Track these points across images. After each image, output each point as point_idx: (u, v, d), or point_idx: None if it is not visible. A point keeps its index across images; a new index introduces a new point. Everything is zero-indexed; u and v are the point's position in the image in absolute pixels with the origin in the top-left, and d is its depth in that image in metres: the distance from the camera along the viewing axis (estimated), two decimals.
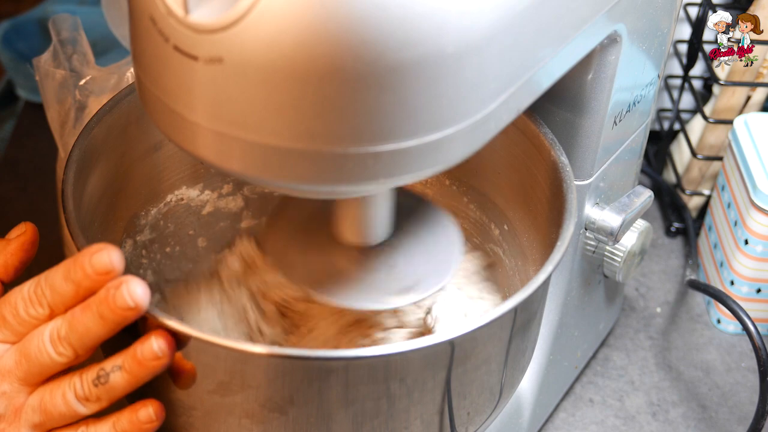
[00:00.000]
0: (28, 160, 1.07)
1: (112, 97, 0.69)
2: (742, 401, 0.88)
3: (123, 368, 0.55)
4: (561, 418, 0.86)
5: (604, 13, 0.62)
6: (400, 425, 0.60)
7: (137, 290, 0.53)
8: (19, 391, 0.56)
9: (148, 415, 0.56)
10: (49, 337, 0.55)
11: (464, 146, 0.53)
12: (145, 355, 0.54)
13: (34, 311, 0.56)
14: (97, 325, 0.54)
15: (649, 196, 0.78)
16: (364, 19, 0.46)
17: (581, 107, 0.70)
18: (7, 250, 0.63)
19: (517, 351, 0.64)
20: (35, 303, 0.56)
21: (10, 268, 0.62)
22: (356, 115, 0.48)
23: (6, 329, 0.56)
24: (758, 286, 0.91)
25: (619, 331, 0.94)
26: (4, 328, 0.56)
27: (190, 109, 0.51)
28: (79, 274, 0.54)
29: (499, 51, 0.51)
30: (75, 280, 0.54)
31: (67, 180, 0.63)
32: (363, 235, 0.64)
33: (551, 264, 0.61)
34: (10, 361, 0.56)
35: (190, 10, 0.48)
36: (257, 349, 0.56)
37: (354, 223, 0.63)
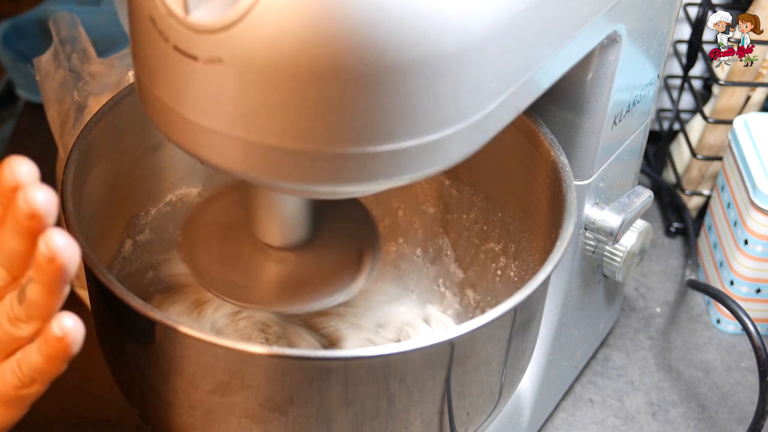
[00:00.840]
0: None
1: (112, 97, 0.69)
2: (741, 401, 0.88)
3: (33, 280, 0.51)
4: (561, 418, 0.86)
5: (603, 13, 0.62)
6: (400, 425, 0.60)
7: (36, 196, 0.49)
8: None
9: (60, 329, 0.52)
10: None
11: (464, 146, 0.53)
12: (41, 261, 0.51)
13: None
14: (15, 240, 0.51)
15: (649, 196, 0.78)
16: (364, 19, 0.46)
17: (581, 107, 0.70)
18: None
19: (516, 351, 0.64)
20: None
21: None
22: (356, 116, 0.48)
23: None
24: (758, 286, 0.91)
25: (619, 331, 0.94)
26: None
27: (189, 110, 0.51)
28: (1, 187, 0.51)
29: (498, 51, 0.51)
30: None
31: (67, 180, 0.63)
32: (278, 236, 0.63)
33: (551, 264, 0.61)
34: None
35: (190, 10, 0.48)
36: (257, 349, 0.56)
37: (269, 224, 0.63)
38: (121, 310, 0.59)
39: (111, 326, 0.61)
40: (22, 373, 0.53)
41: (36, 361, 0.53)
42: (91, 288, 0.64)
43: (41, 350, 0.52)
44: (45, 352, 0.52)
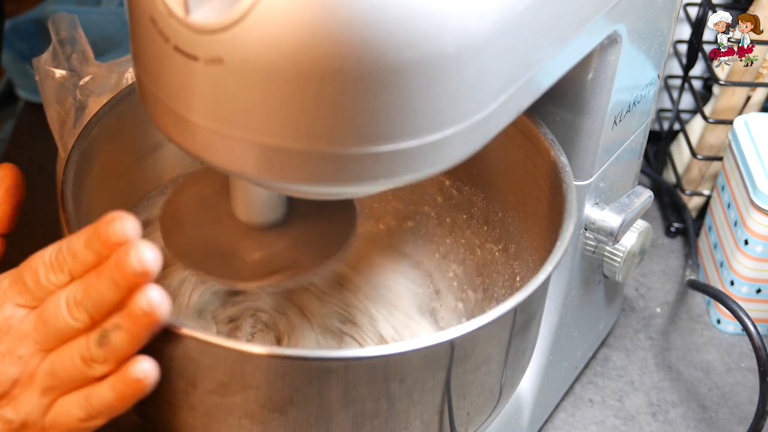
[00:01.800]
0: (28, 160, 1.07)
1: (112, 97, 0.69)
2: (742, 401, 0.88)
3: (121, 327, 0.54)
4: (561, 418, 0.86)
5: (604, 13, 0.62)
6: (400, 425, 0.60)
7: (146, 254, 0.53)
8: (34, 356, 0.56)
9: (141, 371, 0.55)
10: (65, 302, 0.55)
11: (464, 146, 0.53)
12: (135, 309, 0.53)
13: (54, 278, 0.55)
14: (110, 290, 0.53)
15: (649, 196, 0.78)
16: (365, 19, 0.46)
17: (581, 107, 0.70)
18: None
19: (516, 351, 0.64)
20: (56, 269, 0.55)
21: (4, 218, 0.62)
22: (357, 116, 0.48)
23: (27, 294, 0.56)
24: (758, 287, 0.91)
25: (619, 331, 0.94)
26: (26, 293, 0.56)
27: (190, 110, 0.51)
28: (97, 243, 0.54)
29: (499, 51, 0.51)
30: (95, 249, 0.54)
31: (67, 180, 0.63)
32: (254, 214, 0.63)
33: (551, 264, 0.61)
34: (29, 326, 0.56)
35: (190, 10, 0.48)
36: (257, 350, 0.56)
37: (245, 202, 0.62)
38: None
39: None
40: (90, 407, 0.56)
41: (108, 398, 0.55)
42: None
43: (115, 389, 0.55)
44: (119, 391, 0.55)
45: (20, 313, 0.56)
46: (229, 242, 0.63)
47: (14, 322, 0.56)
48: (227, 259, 0.63)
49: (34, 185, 1.03)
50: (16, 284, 0.56)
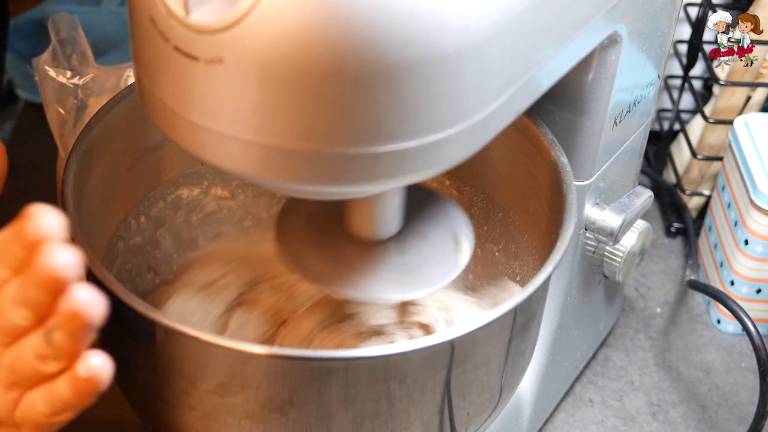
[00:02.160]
0: (28, 160, 1.07)
1: (112, 97, 0.69)
2: (742, 401, 0.88)
3: (60, 327, 0.52)
4: (561, 419, 0.86)
5: (604, 13, 0.62)
6: (400, 425, 0.60)
7: (59, 257, 0.50)
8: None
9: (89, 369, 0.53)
10: (7, 300, 0.53)
11: (465, 147, 0.53)
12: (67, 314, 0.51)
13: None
14: (39, 292, 0.51)
15: (649, 196, 0.78)
16: (365, 19, 0.46)
17: (581, 107, 0.70)
18: None
19: (516, 351, 0.64)
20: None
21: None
22: (357, 116, 0.48)
23: None
24: (758, 287, 0.91)
25: (619, 331, 0.94)
26: None
27: (190, 110, 0.51)
28: (21, 239, 0.51)
29: (499, 51, 0.51)
30: (21, 245, 0.52)
31: (67, 180, 0.63)
32: (373, 229, 0.63)
33: (551, 264, 0.61)
34: None
35: (190, 10, 0.48)
36: (257, 350, 0.56)
37: (364, 218, 0.63)
38: (121, 311, 0.59)
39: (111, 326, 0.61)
40: (53, 403, 0.55)
41: (65, 395, 0.54)
42: None
43: (70, 386, 0.54)
44: (74, 388, 0.54)
45: None
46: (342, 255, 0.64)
47: None
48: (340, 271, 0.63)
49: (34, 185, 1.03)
50: None
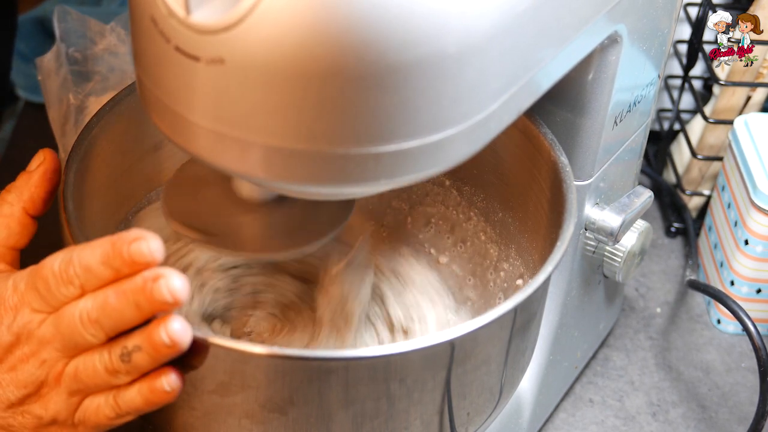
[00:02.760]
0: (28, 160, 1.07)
1: (112, 97, 0.69)
2: (742, 401, 0.88)
3: (142, 350, 0.54)
4: (561, 419, 0.86)
5: (604, 13, 0.62)
6: (400, 425, 0.60)
7: (176, 284, 0.53)
8: (59, 360, 0.56)
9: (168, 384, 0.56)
10: (80, 318, 0.54)
11: (465, 147, 0.53)
12: (157, 342, 0.54)
13: (65, 290, 0.55)
14: (132, 314, 0.53)
15: (649, 196, 0.78)
16: (366, 19, 0.46)
17: (582, 107, 0.70)
18: (30, 183, 0.63)
19: (516, 351, 0.64)
20: (66, 282, 0.55)
21: (38, 200, 0.63)
22: (357, 116, 0.48)
23: (41, 301, 0.56)
24: (758, 287, 0.91)
25: (619, 331, 0.94)
26: (40, 299, 0.56)
27: (191, 110, 0.51)
28: (118, 261, 0.53)
29: (500, 51, 0.51)
30: (114, 267, 0.53)
31: (67, 180, 0.63)
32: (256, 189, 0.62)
33: (551, 264, 0.61)
34: (48, 333, 0.56)
35: (191, 10, 0.48)
36: (257, 350, 0.56)
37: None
38: None
39: None
40: (119, 408, 0.57)
41: (137, 402, 0.56)
42: None
43: (143, 395, 0.56)
44: (147, 398, 0.56)
45: (38, 318, 0.56)
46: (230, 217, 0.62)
47: (33, 326, 0.56)
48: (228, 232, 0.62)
49: None
50: (32, 290, 0.56)
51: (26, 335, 0.56)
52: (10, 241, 0.63)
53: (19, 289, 0.57)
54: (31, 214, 0.64)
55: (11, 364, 0.57)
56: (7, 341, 0.57)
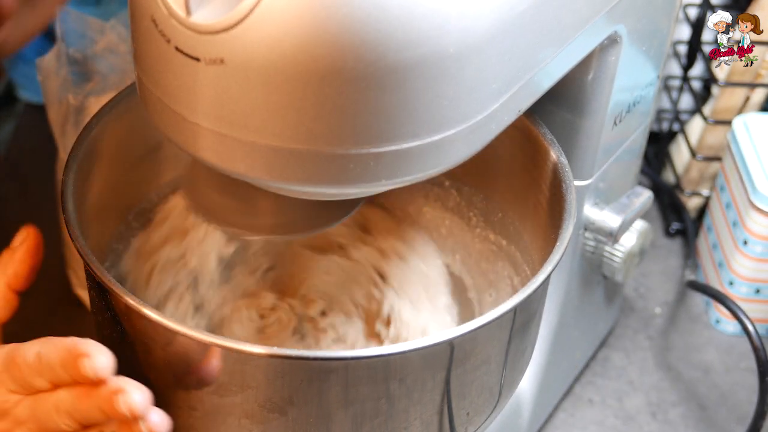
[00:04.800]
0: (28, 161, 1.07)
1: (113, 98, 0.69)
2: (741, 401, 0.88)
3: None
4: (560, 419, 0.86)
5: (604, 14, 0.62)
6: (400, 425, 0.60)
7: (135, 400, 0.55)
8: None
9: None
10: (55, 407, 0.58)
11: (465, 147, 0.53)
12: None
13: (37, 381, 0.58)
14: (98, 415, 0.57)
15: (649, 196, 0.78)
16: (365, 19, 0.46)
17: (581, 108, 0.70)
18: (15, 259, 0.65)
19: (516, 351, 0.64)
20: (37, 374, 0.58)
21: (21, 276, 0.65)
22: (357, 116, 0.49)
23: (16, 384, 0.59)
24: (757, 287, 0.91)
25: (619, 331, 0.94)
26: (14, 383, 0.59)
27: (191, 110, 0.51)
28: (72, 371, 0.56)
29: (499, 52, 0.52)
30: (70, 374, 0.56)
31: (67, 180, 0.63)
32: None
33: (550, 264, 0.61)
34: (23, 414, 0.59)
35: (191, 11, 0.48)
36: (257, 350, 0.56)
37: None
38: (120, 311, 0.59)
39: (111, 326, 0.61)
40: None
41: None
42: (91, 288, 0.64)
43: None
44: None
45: (14, 398, 0.59)
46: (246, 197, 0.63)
47: (9, 406, 0.59)
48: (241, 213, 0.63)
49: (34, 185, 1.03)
50: (6, 372, 0.59)
51: (2, 412, 0.59)
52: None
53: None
54: (14, 290, 0.65)
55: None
56: None
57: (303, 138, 0.49)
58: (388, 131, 0.49)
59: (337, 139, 0.49)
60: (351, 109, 0.48)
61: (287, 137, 0.49)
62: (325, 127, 0.49)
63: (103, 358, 0.56)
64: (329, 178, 0.51)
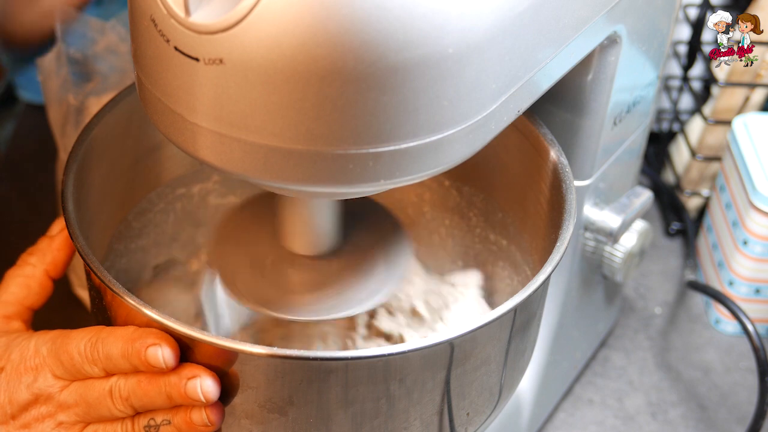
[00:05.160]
0: (28, 161, 1.07)
1: (113, 98, 0.69)
2: (741, 401, 0.88)
3: (173, 424, 0.58)
4: (560, 419, 0.86)
5: (603, 14, 0.62)
6: (400, 426, 0.60)
7: (208, 386, 0.56)
8: (75, 424, 0.60)
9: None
10: (110, 393, 0.58)
11: (465, 147, 0.53)
12: (196, 421, 0.57)
13: (89, 368, 0.58)
14: (162, 401, 0.57)
15: (649, 196, 0.78)
16: (365, 20, 0.46)
17: (581, 108, 0.70)
18: (53, 247, 0.66)
19: (516, 351, 0.64)
20: (91, 363, 0.58)
21: (59, 263, 0.66)
22: (357, 116, 0.49)
23: (63, 370, 0.59)
24: (757, 287, 0.91)
25: (619, 331, 0.94)
26: (62, 369, 0.59)
27: (190, 110, 0.51)
28: (136, 360, 0.56)
29: (499, 52, 0.52)
30: (132, 363, 0.57)
31: (67, 181, 0.63)
32: (311, 244, 0.64)
33: (551, 264, 0.61)
34: (70, 399, 0.59)
35: (191, 11, 0.48)
36: (257, 350, 0.56)
37: (301, 232, 0.63)
38: (120, 311, 0.59)
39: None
40: None
41: None
42: (91, 288, 0.64)
43: None
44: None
45: (59, 384, 0.59)
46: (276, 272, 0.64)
47: (54, 390, 0.59)
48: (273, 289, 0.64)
49: (34, 185, 1.03)
50: (54, 358, 0.59)
51: (45, 397, 0.59)
52: (28, 300, 0.66)
53: (41, 353, 0.60)
54: (51, 277, 0.66)
55: (25, 421, 0.60)
56: (24, 399, 0.59)
57: (302, 138, 0.49)
58: (387, 131, 0.49)
59: (336, 139, 0.49)
60: (351, 109, 0.48)
61: (286, 137, 0.49)
62: (324, 127, 0.49)
63: (171, 348, 0.56)
64: (328, 178, 0.51)
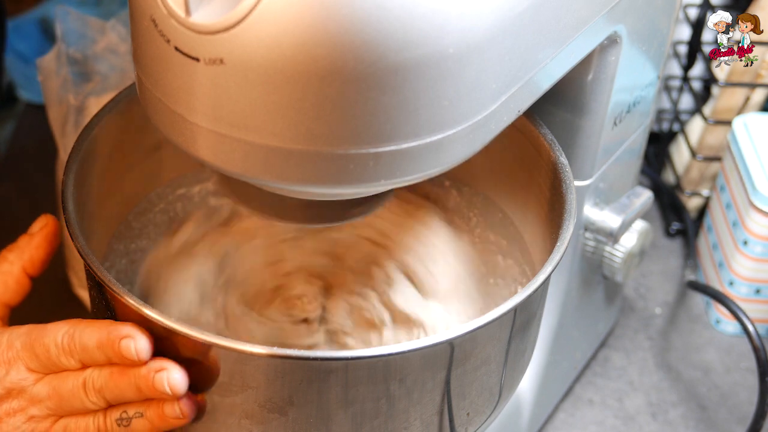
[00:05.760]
0: (28, 161, 1.07)
1: (113, 98, 0.69)
2: (741, 402, 0.88)
3: (145, 417, 0.58)
4: (560, 419, 0.86)
5: (604, 14, 0.62)
6: (400, 426, 0.60)
7: (176, 378, 0.56)
8: (47, 417, 0.60)
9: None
10: (83, 385, 0.58)
11: (465, 147, 0.53)
12: (168, 414, 0.58)
13: (65, 360, 0.59)
14: (132, 393, 0.57)
15: (649, 196, 0.78)
16: (365, 20, 0.46)
17: (581, 108, 0.70)
18: (31, 245, 0.66)
19: (516, 351, 0.64)
20: (67, 354, 0.58)
21: (37, 261, 0.66)
22: (357, 116, 0.49)
23: (38, 363, 0.59)
24: (757, 287, 0.91)
25: (619, 331, 0.94)
26: (37, 361, 0.59)
27: (190, 111, 0.51)
28: (110, 351, 0.57)
29: (499, 52, 0.52)
30: (107, 354, 0.57)
31: (67, 181, 0.63)
32: None
33: (551, 264, 0.61)
34: (42, 392, 0.59)
35: (191, 11, 0.48)
36: (257, 350, 0.56)
37: None
38: (120, 311, 0.59)
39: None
40: None
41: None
42: (91, 288, 0.64)
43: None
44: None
45: (32, 377, 0.60)
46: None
47: (27, 384, 0.60)
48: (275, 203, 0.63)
49: (34, 185, 1.03)
50: (29, 351, 0.59)
51: (18, 390, 0.60)
52: (5, 297, 0.66)
53: (14, 347, 0.60)
54: (29, 274, 0.66)
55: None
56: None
57: (302, 138, 0.49)
58: (387, 131, 0.49)
59: (336, 139, 0.49)
60: (351, 109, 0.48)
61: (286, 137, 0.49)
62: (324, 127, 0.49)
63: (145, 340, 0.56)
64: (328, 178, 0.51)
